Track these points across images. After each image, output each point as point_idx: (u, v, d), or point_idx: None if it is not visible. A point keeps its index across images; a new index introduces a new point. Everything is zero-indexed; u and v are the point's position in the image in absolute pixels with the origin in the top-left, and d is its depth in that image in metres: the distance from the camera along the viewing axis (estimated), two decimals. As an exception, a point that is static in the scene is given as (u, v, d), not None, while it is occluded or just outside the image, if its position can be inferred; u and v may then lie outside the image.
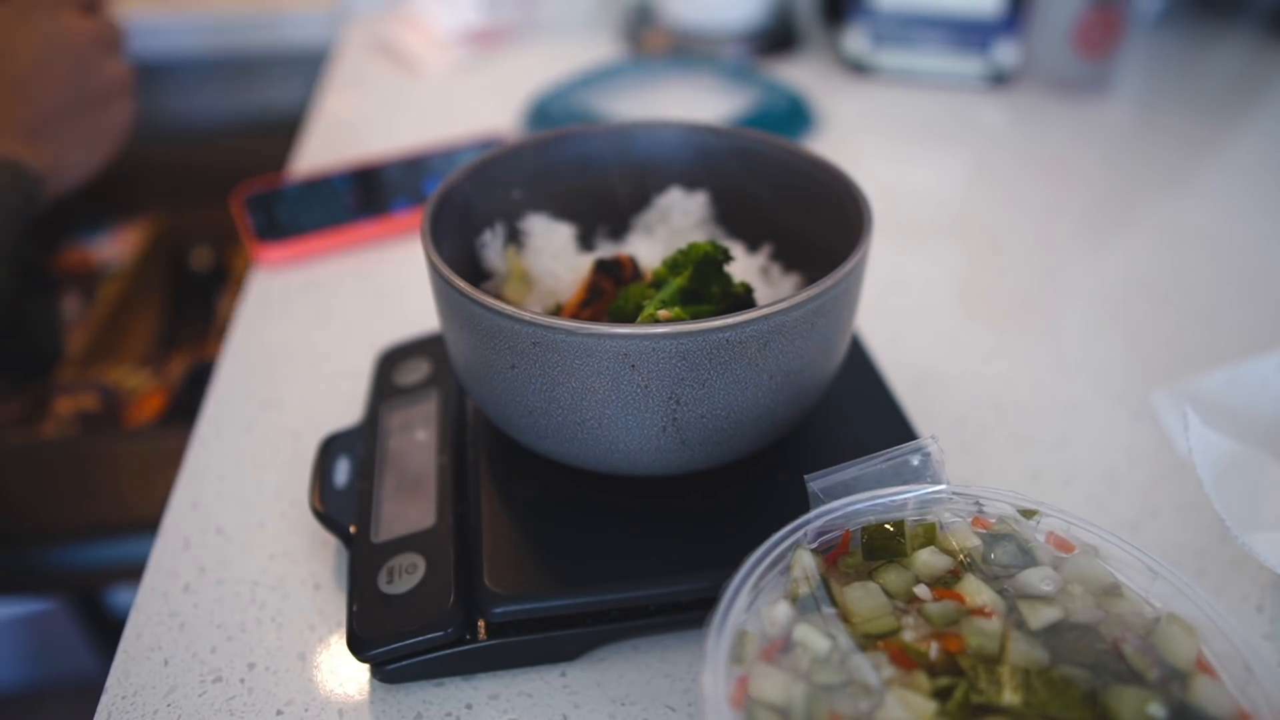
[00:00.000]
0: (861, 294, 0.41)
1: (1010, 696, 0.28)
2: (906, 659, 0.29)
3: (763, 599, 0.32)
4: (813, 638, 0.30)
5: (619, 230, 0.51)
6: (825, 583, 0.32)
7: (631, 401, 0.35)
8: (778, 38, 1.06)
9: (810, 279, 0.47)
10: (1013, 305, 0.65)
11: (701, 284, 0.41)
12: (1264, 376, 0.47)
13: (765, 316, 0.34)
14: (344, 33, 1.15)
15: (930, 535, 0.34)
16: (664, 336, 0.34)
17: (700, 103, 0.93)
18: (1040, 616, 0.31)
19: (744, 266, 0.47)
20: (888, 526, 0.34)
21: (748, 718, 0.28)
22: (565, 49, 1.06)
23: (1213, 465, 0.40)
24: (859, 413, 0.47)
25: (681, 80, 0.98)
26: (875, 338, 0.58)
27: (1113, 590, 0.32)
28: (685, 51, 1.03)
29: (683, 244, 0.48)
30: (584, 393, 0.36)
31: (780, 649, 0.30)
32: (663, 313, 0.39)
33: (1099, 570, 0.33)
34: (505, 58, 1.05)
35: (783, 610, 0.31)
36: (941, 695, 0.28)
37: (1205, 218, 0.75)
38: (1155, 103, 0.95)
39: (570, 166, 0.50)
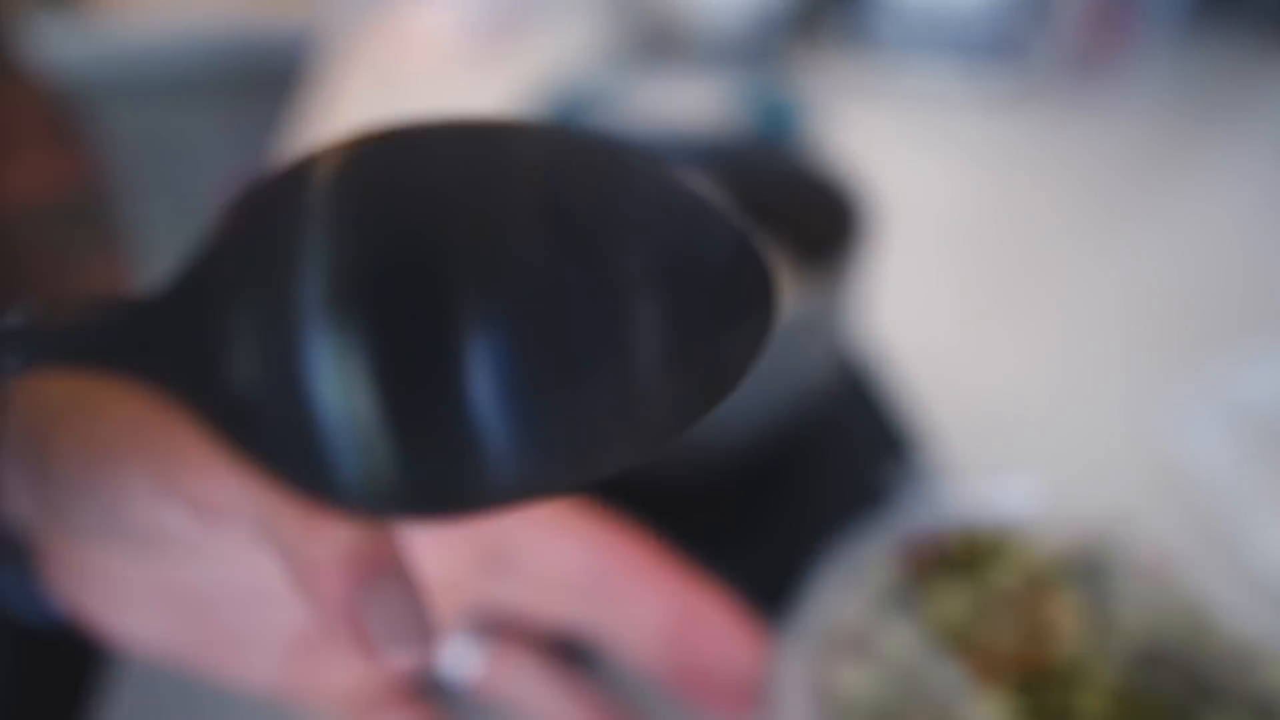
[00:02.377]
0: (862, 294, 0.41)
1: (1095, 713, 0.28)
2: (989, 667, 0.29)
3: (843, 596, 0.32)
4: (894, 639, 0.30)
5: (618, 231, 0.51)
6: (909, 585, 0.32)
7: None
8: (779, 37, 1.06)
9: (810, 279, 0.47)
10: (1013, 305, 0.65)
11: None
12: (1264, 376, 0.47)
13: (765, 317, 0.34)
14: (343, 31, 1.15)
15: (1017, 547, 0.34)
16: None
17: (700, 103, 0.92)
18: (1129, 635, 0.30)
19: (744, 267, 0.46)
20: (976, 534, 0.34)
21: (825, 716, 0.28)
22: (565, 49, 1.06)
23: (1213, 465, 0.40)
24: (860, 413, 0.47)
25: (681, 80, 0.97)
26: (876, 337, 0.58)
27: (1203, 612, 0.32)
28: (685, 51, 1.03)
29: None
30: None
31: (861, 648, 0.30)
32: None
33: (1190, 592, 0.32)
34: (505, 57, 1.05)
35: (865, 609, 0.31)
36: (1024, 707, 0.28)
37: (1208, 218, 0.75)
38: (1158, 104, 0.95)
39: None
